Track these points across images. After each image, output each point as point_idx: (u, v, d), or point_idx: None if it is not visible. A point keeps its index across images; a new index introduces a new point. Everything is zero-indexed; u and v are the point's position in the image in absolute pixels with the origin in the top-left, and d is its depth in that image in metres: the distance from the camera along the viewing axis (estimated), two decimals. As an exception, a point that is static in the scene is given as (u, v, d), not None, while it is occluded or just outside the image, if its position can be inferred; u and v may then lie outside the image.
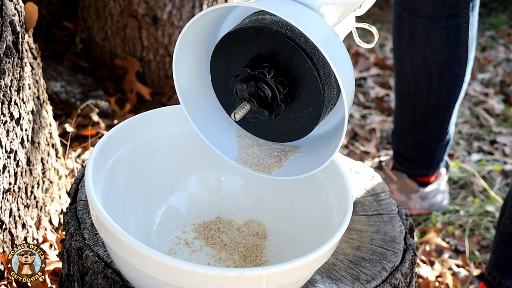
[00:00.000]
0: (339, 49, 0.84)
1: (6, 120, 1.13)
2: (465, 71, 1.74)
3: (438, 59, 1.71)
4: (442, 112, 1.80)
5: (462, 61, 1.72)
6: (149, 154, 1.04)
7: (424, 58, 1.72)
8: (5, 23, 1.11)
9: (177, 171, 1.07)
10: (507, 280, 1.59)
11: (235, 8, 0.92)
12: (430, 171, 1.92)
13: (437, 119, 1.81)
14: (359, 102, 2.45)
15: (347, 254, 1.03)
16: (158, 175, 1.06)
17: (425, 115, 1.80)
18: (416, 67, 1.74)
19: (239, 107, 0.87)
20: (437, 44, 1.69)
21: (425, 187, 1.94)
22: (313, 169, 0.91)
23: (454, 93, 1.77)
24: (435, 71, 1.73)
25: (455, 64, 1.72)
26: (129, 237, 0.82)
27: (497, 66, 2.77)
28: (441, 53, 1.70)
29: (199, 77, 0.96)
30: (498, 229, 1.61)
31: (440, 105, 1.78)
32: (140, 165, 1.03)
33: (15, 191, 1.19)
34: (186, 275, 0.81)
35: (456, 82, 1.75)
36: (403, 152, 1.91)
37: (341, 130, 0.88)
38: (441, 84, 1.75)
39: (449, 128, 1.85)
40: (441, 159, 1.91)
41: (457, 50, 1.70)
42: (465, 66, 1.73)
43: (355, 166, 1.20)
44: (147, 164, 1.04)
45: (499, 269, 1.61)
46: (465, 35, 1.69)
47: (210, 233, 1.05)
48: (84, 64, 2.14)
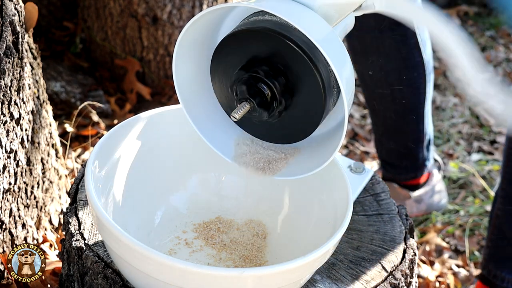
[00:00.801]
0: (339, 49, 0.84)
1: (6, 120, 1.13)
2: (424, 72, 1.75)
3: (392, 67, 1.73)
4: (412, 115, 1.81)
5: (418, 64, 1.73)
6: (149, 154, 1.04)
7: (380, 69, 1.73)
8: (5, 23, 1.11)
9: (177, 171, 1.07)
10: (502, 272, 1.59)
11: (235, 8, 0.92)
12: (418, 173, 1.93)
13: (410, 123, 1.83)
14: (359, 102, 2.45)
15: (347, 254, 1.03)
16: (158, 175, 1.06)
17: (397, 121, 1.82)
18: (376, 79, 1.76)
19: (239, 107, 0.87)
20: (388, 54, 1.71)
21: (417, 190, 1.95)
22: (313, 169, 0.91)
23: (419, 96, 1.78)
24: (393, 80, 1.74)
25: (412, 69, 1.73)
26: (129, 237, 0.82)
27: (497, 66, 2.77)
28: (395, 62, 1.72)
29: (199, 77, 0.96)
30: (490, 221, 1.61)
31: (408, 110, 1.80)
32: (140, 165, 1.03)
33: (15, 191, 1.19)
34: (186, 275, 0.81)
35: (417, 86, 1.77)
36: (387, 159, 1.92)
37: (341, 130, 0.88)
38: (403, 91, 1.76)
39: (426, 129, 1.86)
40: (425, 159, 1.92)
41: (409, 56, 1.72)
42: (423, 67, 1.74)
43: (355, 166, 1.20)
44: (147, 164, 1.04)
45: (494, 261, 1.61)
46: (414, 39, 1.70)
47: (210, 233, 1.05)
48: (84, 64, 2.14)
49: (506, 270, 1.59)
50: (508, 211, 1.55)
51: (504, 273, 1.59)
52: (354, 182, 1.15)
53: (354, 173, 1.17)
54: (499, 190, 1.58)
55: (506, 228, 1.56)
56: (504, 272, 1.59)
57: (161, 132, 1.05)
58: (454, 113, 2.48)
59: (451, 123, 2.43)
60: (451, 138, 2.35)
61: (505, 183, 1.55)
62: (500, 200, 1.57)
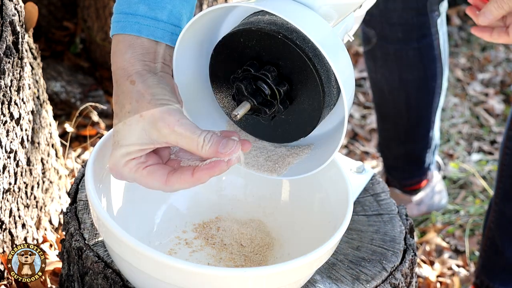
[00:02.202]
0: (339, 49, 0.84)
1: (6, 120, 1.13)
2: (441, 82, 1.76)
3: (413, 77, 1.73)
4: (424, 123, 1.82)
5: (437, 74, 1.74)
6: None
7: (400, 78, 1.73)
8: (5, 23, 1.11)
9: (177, 171, 1.07)
10: (494, 284, 1.59)
11: (235, 8, 0.92)
12: (423, 177, 1.93)
13: (421, 131, 1.83)
14: (359, 102, 2.45)
15: (347, 254, 1.03)
16: (158, 175, 1.05)
17: (408, 129, 1.82)
18: (393, 87, 1.76)
19: (239, 107, 0.87)
20: (410, 64, 1.71)
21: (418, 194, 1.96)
22: (313, 169, 0.91)
23: (433, 104, 1.79)
24: (412, 89, 1.74)
25: (431, 79, 1.74)
26: (130, 237, 0.82)
27: (497, 66, 2.77)
28: (416, 72, 1.72)
29: (199, 77, 0.96)
30: (484, 233, 1.61)
31: (421, 118, 1.80)
32: (140, 165, 1.03)
33: (15, 191, 1.19)
34: (187, 275, 0.81)
35: (434, 95, 1.77)
36: (393, 164, 1.92)
37: (341, 130, 0.88)
38: (419, 99, 1.76)
39: (434, 135, 1.86)
40: (431, 163, 1.92)
41: (431, 66, 1.72)
42: (441, 77, 1.75)
43: (355, 166, 1.20)
44: (147, 164, 1.04)
45: (486, 272, 1.61)
46: (437, 51, 1.71)
47: (210, 233, 1.05)
48: (84, 64, 2.14)
49: (499, 282, 1.59)
50: (500, 224, 1.56)
51: (497, 285, 1.59)
52: (354, 182, 1.15)
53: (354, 173, 1.17)
54: (492, 203, 1.58)
55: (498, 241, 1.57)
56: (496, 284, 1.59)
57: (161, 132, 1.05)
58: (454, 113, 2.48)
59: (451, 123, 2.43)
60: (451, 138, 2.35)
61: (498, 196, 1.55)
62: (493, 214, 1.57)
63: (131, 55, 0.85)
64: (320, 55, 0.84)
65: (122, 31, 0.86)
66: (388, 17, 1.64)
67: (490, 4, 1.01)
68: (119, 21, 0.87)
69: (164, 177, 0.82)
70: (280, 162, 0.94)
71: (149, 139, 0.81)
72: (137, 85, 0.83)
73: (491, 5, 1.01)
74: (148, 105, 0.81)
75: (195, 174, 0.81)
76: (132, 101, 0.82)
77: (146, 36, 0.86)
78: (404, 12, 1.63)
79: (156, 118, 0.80)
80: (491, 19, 1.02)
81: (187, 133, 0.80)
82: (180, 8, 0.88)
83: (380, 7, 1.63)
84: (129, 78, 0.83)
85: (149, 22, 0.86)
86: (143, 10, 0.86)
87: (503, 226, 1.55)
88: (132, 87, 0.83)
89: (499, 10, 1.01)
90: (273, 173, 0.94)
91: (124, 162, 0.82)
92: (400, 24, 1.64)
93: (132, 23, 0.86)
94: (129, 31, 0.86)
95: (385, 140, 1.89)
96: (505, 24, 1.07)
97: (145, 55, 0.86)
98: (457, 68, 2.71)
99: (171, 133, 0.80)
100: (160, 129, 0.80)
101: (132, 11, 0.86)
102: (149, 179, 0.83)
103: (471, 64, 2.76)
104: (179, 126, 0.80)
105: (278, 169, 0.94)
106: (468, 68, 2.74)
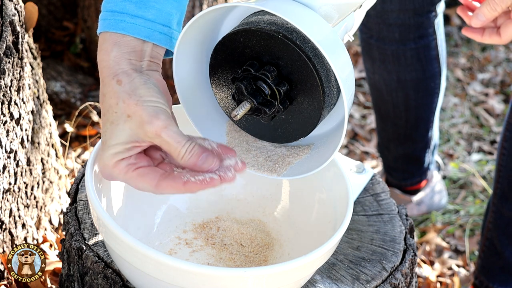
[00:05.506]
0: (339, 49, 0.84)
1: (6, 120, 1.13)
2: (440, 82, 1.76)
3: (411, 78, 1.73)
4: (423, 123, 1.82)
5: (435, 75, 1.74)
6: (149, 154, 1.04)
7: (398, 79, 1.73)
8: (5, 23, 1.11)
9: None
10: (493, 284, 1.59)
11: (235, 8, 0.92)
12: (423, 177, 1.93)
13: (420, 131, 1.83)
14: (359, 102, 2.45)
15: (347, 254, 1.03)
16: (158, 175, 1.05)
17: (407, 129, 1.82)
18: (391, 88, 1.76)
19: (239, 107, 0.87)
20: (408, 65, 1.71)
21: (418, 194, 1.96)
22: (313, 169, 0.91)
23: (432, 105, 1.79)
24: (410, 89, 1.74)
25: (429, 79, 1.73)
26: (130, 236, 0.82)
27: (497, 66, 2.77)
28: (414, 72, 1.72)
29: (199, 77, 0.96)
30: (482, 233, 1.62)
31: (420, 118, 1.80)
32: (140, 165, 1.03)
33: (15, 191, 1.19)
34: (187, 275, 0.81)
35: (433, 95, 1.77)
36: (393, 165, 1.92)
37: (341, 130, 0.88)
38: (418, 100, 1.76)
39: (433, 135, 1.86)
40: (430, 163, 1.92)
41: (429, 67, 1.72)
42: (439, 77, 1.75)
43: (355, 166, 1.20)
44: (147, 164, 1.04)
45: (485, 273, 1.61)
46: (435, 51, 1.71)
47: (210, 233, 1.05)
48: (84, 64, 2.14)
49: (498, 283, 1.59)
50: (499, 225, 1.56)
51: (496, 285, 1.59)
52: (354, 182, 1.15)
53: (354, 173, 1.17)
54: (490, 203, 1.58)
55: (497, 241, 1.57)
56: (495, 284, 1.59)
57: (161, 132, 1.05)
58: (454, 113, 2.48)
59: (451, 123, 2.43)
60: (451, 138, 2.35)
61: (496, 197, 1.55)
62: (491, 214, 1.57)
63: (116, 54, 0.85)
64: (320, 55, 0.84)
65: (109, 29, 0.86)
66: (385, 18, 1.64)
67: (483, 6, 1.01)
68: (106, 19, 0.87)
69: (155, 180, 0.82)
70: (280, 162, 0.94)
71: (136, 137, 0.81)
72: (123, 85, 0.82)
73: (484, 7, 1.01)
74: (136, 107, 0.81)
75: (186, 185, 0.81)
76: (119, 101, 0.82)
77: (132, 34, 0.85)
78: (401, 12, 1.63)
79: (144, 120, 0.80)
80: (484, 21, 1.02)
81: (171, 141, 0.81)
82: (169, 7, 0.88)
83: (377, 8, 1.63)
84: (115, 78, 0.83)
85: (136, 21, 0.86)
86: (130, 8, 0.86)
87: (501, 227, 1.55)
88: (118, 88, 0.82)
89: (492, 12, 1.01)
90: (273, 173, 0.94)
91: (113, 163, 0.82)
92: (397, 25, 1.65)
93: (118, 21, 0.86)
94: (115, 29, 0.86)
95: (385, 141, 1.89)
96: (496, 25, 1.07)
97: (131, 54, 0.85)
98: (457, 68, 2.71)
99: (156, 137, 0.81)
100: (147, 132, 0.81)
101: (119, 9, 0.86)
102: (139, 181, 0.83)
103: (471, 64, 2.76)
104: (165, 133, 0.81)
105: (278, 169, 0.94)
106: (468, 68, 2.74)
